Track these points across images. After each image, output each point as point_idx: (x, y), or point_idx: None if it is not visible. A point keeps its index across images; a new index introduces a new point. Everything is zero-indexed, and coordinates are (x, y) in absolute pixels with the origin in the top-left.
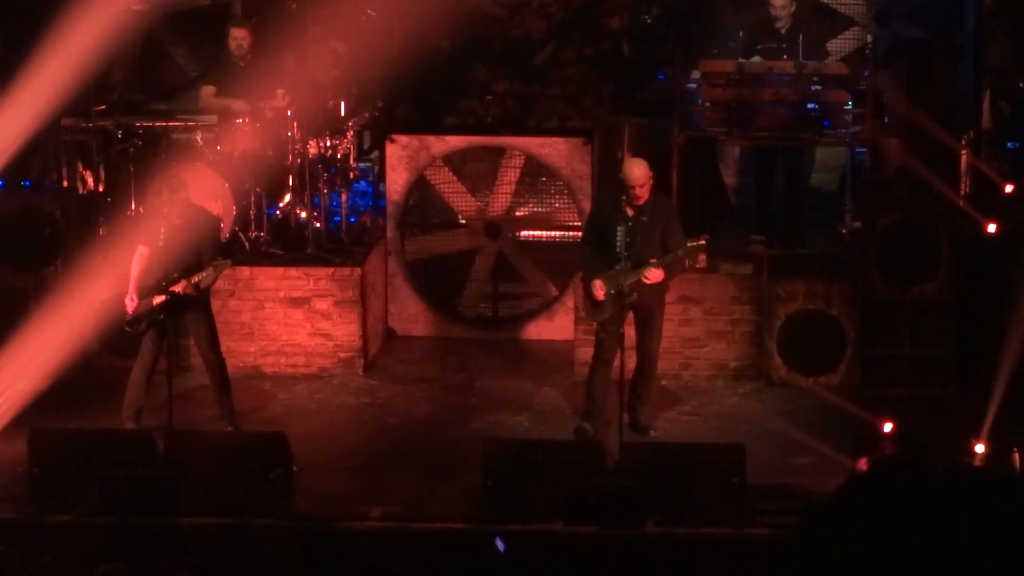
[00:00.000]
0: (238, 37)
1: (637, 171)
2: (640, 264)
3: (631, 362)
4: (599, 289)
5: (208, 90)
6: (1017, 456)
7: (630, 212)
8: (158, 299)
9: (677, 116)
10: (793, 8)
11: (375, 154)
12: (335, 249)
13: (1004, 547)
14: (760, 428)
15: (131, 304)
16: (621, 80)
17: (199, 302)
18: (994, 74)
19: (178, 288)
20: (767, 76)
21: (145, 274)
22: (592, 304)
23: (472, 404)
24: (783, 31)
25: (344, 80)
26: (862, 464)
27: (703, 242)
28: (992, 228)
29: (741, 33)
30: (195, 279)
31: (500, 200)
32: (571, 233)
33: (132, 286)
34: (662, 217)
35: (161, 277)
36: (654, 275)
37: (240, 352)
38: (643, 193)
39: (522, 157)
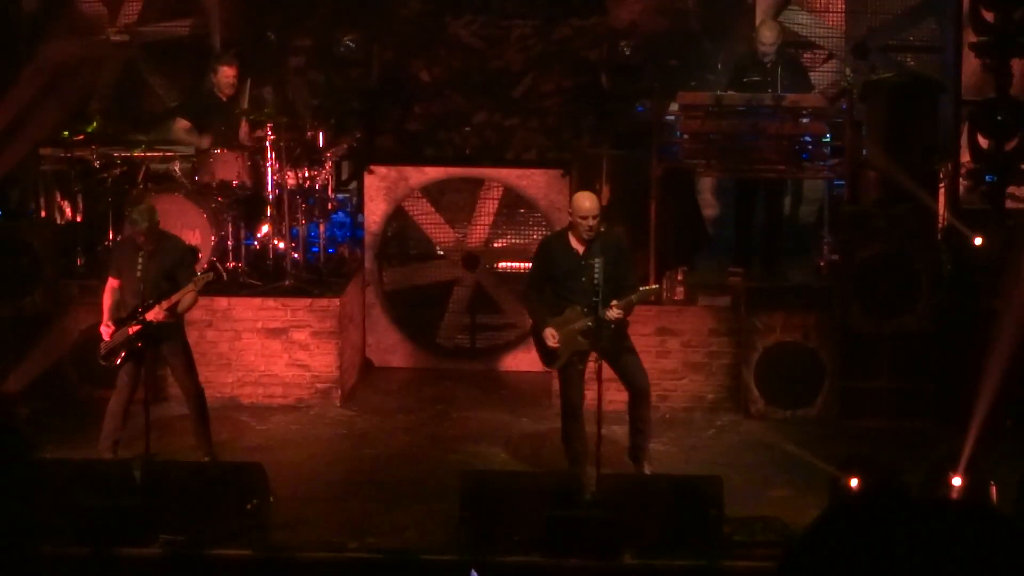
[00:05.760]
0: (226, 74)
1: (588, 203)
2: (592, 306)
3: (612, 393)
4: (551, 337)
5: (182, 124)
6: (994, 489)
7: (580, 250)
8: (134, 328)
9: (655, 148)
10: (779, 42)
11: (353, 185)
12: (313, 280)
13: None
14: (738, 460)
15: (107, 332)
16: (600, 112)
17: (175, 331)
18: (972, 108)
19: (152, 314)
20: (745, 108)
21: (118, 306)
22: (546, 352)
23: (449, 435)
24: (769, 64)
25: (323, 110)
26: (850, 482)
27: (656, 286)
28: (979, 241)
29: (720, 65)
30: (172, 300)
31: (478, 231)
32: None
33: (105, 318)
34: (614, 252)
35: (136, 306)
36: (613, 314)
37: (217, 383)
38: (595, 225)
39: (500, 188)
